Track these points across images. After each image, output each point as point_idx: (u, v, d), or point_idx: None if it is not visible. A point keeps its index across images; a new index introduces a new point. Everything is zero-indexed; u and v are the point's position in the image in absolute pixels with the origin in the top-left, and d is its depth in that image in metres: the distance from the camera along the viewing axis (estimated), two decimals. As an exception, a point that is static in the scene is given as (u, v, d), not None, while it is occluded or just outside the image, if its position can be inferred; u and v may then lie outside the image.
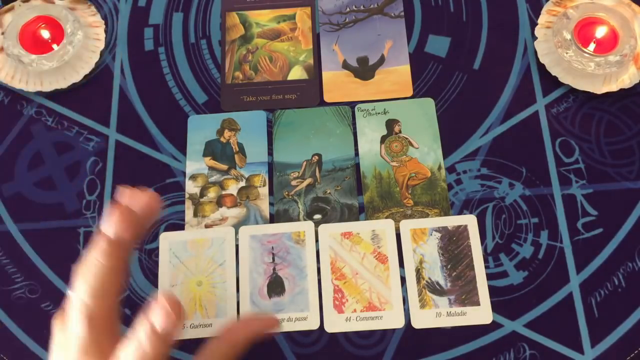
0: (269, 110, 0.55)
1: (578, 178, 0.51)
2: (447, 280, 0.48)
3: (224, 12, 0.60)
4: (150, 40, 0.59)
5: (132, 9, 0.60)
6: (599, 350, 0.46)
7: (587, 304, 0.47)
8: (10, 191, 0.53)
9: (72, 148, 0.54)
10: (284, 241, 0.50)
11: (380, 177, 0.52)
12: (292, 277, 0.49)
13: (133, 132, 0.55)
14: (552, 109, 0.54)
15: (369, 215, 0.51)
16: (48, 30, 0.56)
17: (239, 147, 0.54)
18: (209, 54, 0.58)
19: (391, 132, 0.54)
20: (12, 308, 0.48)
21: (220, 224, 0.51)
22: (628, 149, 0.52)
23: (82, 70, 0.56)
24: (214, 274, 0.49)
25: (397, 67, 0.56)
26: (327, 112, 0.55)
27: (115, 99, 0.56)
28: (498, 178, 0.52)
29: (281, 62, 0.57)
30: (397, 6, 0.59)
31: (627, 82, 0.53)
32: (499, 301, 0.48)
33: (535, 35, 0.56)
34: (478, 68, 0.56)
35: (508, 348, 0.47)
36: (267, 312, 0.48)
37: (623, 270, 0.48)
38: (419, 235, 0.50)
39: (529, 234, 0.50)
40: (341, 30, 0.58)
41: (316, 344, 0.47)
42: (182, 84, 0.57)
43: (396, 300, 0.48)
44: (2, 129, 0.55)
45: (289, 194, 0.52)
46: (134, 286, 0.49)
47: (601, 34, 0.54)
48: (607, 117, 0.53)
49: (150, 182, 0.53)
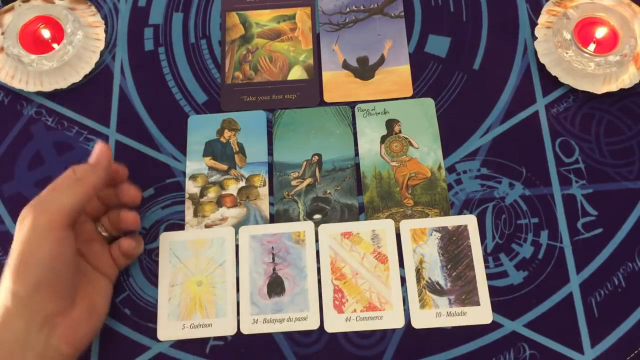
0: (269, 110, 0.55)
1: (578, 178, 0.51)
2: (447, 280, 0.48)
3: (224, 12, 0.60)
4: (150, 40, 0.59)
5: (132, 9, 0.60)
6: (599, 350, 0.46)
7: (587, 304, 0.47)
8: (10, 191, 0.53)
9: (72, 148, 0.54)
10: (284, 241, 0.50)
11: (380, 177, 0.52)
12: (292, 277, 0.49)
13: (133, 132, 0.55)
14: (552, 109, 0.54)
15: (369, 215, 0.51)
16: (48, 30, 0.56)
17: (239, 147, 0.54)
18: (209, 54, 0.58)
19: (391, 132, 0.54)
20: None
21: (220, 224, 0.51)
22: (628, 149, 0.52)
23: (82, 70, 0.56)
24: (214, 274, 0.49)
25: (397, 67, 0.56)
26: (327, 112, 0.55)
27: (115, 99, 0.56)
28: (498, 178, 0.52)
29: (281, 62, 0.57)
30: (397, 6, 0.59)
31: (627, 82, 0.53)
32: (499, 301, 0.48)
33: (535, 35, 0.56)
34: (478, 68, 0.56)
35: (508, 348, 0.47)
36: (267, 312, 0.48)
37: (623, 270, 0.48)
38: (419, 235, 0.50)
39: (529, 234, 0.50)
40: (341, 30, 0.58)
41: (316, 344, 0.47)
42: (182, 84, 0.57)
43: (396, 300, 0.48)
44: (2, 129, 0.55)
45: (289, 194, 0.52)
46: (134, 286, 0.49)
47: (601, 34, 0.54)
48: (607, 117, 0.53)
49: (150, 182, 0.53)
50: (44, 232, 0.41)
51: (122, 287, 0.49)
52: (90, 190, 0.44)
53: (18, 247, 0.41)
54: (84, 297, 0.44)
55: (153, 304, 0.49)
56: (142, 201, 0.52)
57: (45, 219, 0.41)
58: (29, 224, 0.41)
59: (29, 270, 0.40)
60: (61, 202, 0.42)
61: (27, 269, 0.40)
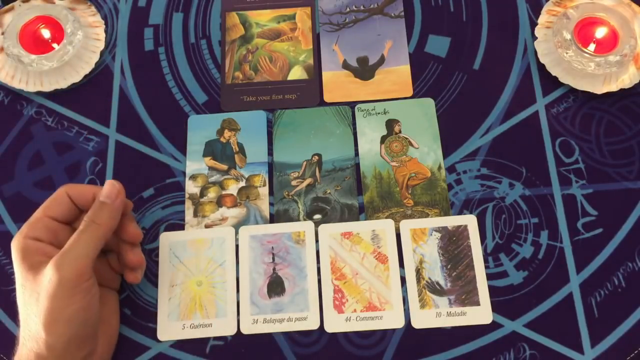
0: (269, 110, 0.55)
1: (578, 178, 0.51)
2: (447, 280, 0.48)
3: (224, 12, 0.60)
4: (150, 40, 0.59)
5: (132, 9, 0.60)
6: (599, 350, 0.46)
7: (587, 304, 0.47)
8: (10, 191, 0.53)
9: (72, 148, 0.54)
10: (284, 241, 0.50)
11: (380, 177, 0.52)
12: (292, 277, 0.49)
13: (133, 132, 0.55)
14: (552, 109, 0.54)
15: (369, 215, 0.51)
16: (48, 30, 0.56)
17: (239, 147, 0.54)
18: (209, 54, 0.58)
19: (391, 132, 0.54)
20: (12, 308, 0.48)
21: (220, 224, 0.51)
22: (628, 149, 0.52)
23: (82, 70, 0.56)
24: (214, 274, 0.49)
25: (397, 67, 0.56)
26: (327, 112, 0.55)
27: (115, 99, 0.56)
28: (498, 178, 0.52)
29: (281, 62, 0.57)
30: (397, 6, 0.59)
31: (627, 82, 0.53)
32: (499, 301, 0.48)
33: (535, 35, 0.56)
34: (478, 68, 0.56)
35: (508, 348, 0.47)
36: (267, 312, 0.48)
37: (623, 270, 0.48)
38: (419, 235, 0.50)
39: (529, 234, 0.50)
40: (341, 30, 0.58)
41: (316, 344, 0.47)
42: (182, 84, 0.57)
43: (396, 300, 0.48)
44: (2, 129, 0.55)
45: (289, 194, 0.52)
46: (134, 286, 0.49)
47: (601, 34, 0.54)
48: (607, 117, 0.53)
49: (150, 182, 0.53)
50: (73, 287, 0.40)
51: (122, 287, 0.49)
52: (108, 232, 0.44)
53: (47, 303, 0.40)
54: (102, 327, 0.44)
55: (153, 304, 0.49)
56: (142, 202, 0.52)
57: (73, 273, 0.40)
58: (56, 279, 0.40)
59: (63, 326, 0.40)
60: (86, 253, 0.41)
61: (60, 325, 0.40)
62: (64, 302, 0.40)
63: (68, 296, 0.40)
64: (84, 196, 0.45)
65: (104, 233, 0.43)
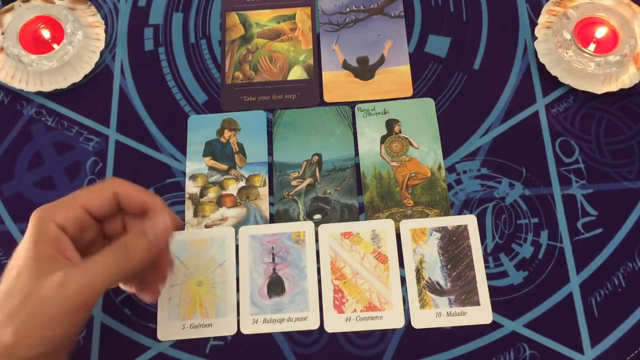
0: (269, 110, 0.55)
1: (578, 178, 0.51)
2: (447, 280, 0.48)
3: (224, 12, 0.60)
4: (150, 40, 0.59)
5: (132, 9, 0.60)
6: (599, 350, 0.46)
7: (587, 304, 0.47)
8: (10, 191, 0.53)
9: (72, 148, 0.54)
10: (284, 241, 0.50)
11: (380, 177, 0.52)
12: (292, 277, 0.49)
13: (133, 132, 0.55)
14: (552, 109, 0.54)
15: (369, 215, 0.51)
16: (48, 30, 0.56)
17: (239, 147, 0.54)
18: (209, 54, 0.58)
19: (391, 132, 0.54)
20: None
21: (220, 224, 0.51)
22: (628, 149, 0.52)
23: (82, 70, 0.56)
24: (214, 274, 0.49)
25: (397, 67, 0.56)
26: (327, 112, 0.55)
27: (115, 99, 0.56)
28: (498, 178, 0.52)
29: (281, 62, 0.57)
30: (397, 6, 0.59)
31: (627, 82, 0.53)
32: (499, 301, 0.48)
33: (535, 35, 0.56)
34: (478, 68, 0.56)
35: (508, 348, 0.47)
36: (267, 312, 0.48)
37: (623, 270, 0.48)
38: (419, 235, 0.50)
39: (529, 234, 0.50)
40: (341, 30, 0.58)
41: (316, 344, 0.47)
42: (182, 84, 0.57)
43: (396, 300, 0.48)
44: (2, 129, 0.55)
45: (289, 194, 0.52)
46: (134, 286, 0.49)
47: (601, 34, 0.54)
48: (607, 117, 0.53)
49: (150, 182, 0.53)
50: (68, 311, 0.36)
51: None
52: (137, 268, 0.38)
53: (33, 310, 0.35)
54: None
55: (153, 304, 0.49)
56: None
57: (79, 298, 0.36)
58: (57, 293, 0.35)
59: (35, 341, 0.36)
60: (102, 279, 0.36)
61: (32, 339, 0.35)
62: (51, 321, 0.35)
63: (58, 316, 0.35)
64: (132, 200, 0.40)
65: (132, 268, 0.38)
